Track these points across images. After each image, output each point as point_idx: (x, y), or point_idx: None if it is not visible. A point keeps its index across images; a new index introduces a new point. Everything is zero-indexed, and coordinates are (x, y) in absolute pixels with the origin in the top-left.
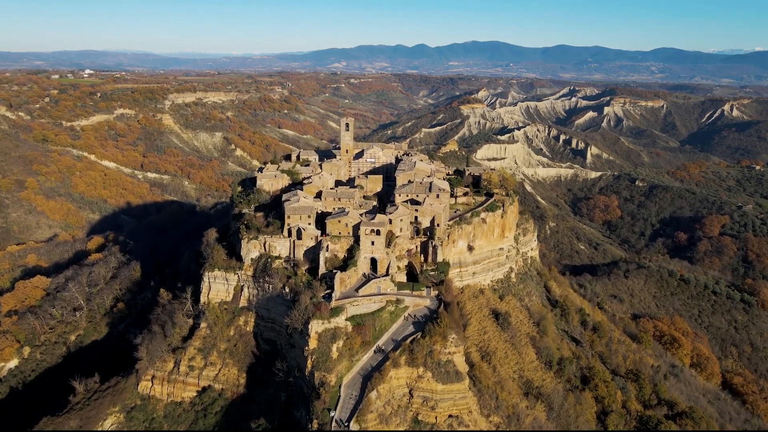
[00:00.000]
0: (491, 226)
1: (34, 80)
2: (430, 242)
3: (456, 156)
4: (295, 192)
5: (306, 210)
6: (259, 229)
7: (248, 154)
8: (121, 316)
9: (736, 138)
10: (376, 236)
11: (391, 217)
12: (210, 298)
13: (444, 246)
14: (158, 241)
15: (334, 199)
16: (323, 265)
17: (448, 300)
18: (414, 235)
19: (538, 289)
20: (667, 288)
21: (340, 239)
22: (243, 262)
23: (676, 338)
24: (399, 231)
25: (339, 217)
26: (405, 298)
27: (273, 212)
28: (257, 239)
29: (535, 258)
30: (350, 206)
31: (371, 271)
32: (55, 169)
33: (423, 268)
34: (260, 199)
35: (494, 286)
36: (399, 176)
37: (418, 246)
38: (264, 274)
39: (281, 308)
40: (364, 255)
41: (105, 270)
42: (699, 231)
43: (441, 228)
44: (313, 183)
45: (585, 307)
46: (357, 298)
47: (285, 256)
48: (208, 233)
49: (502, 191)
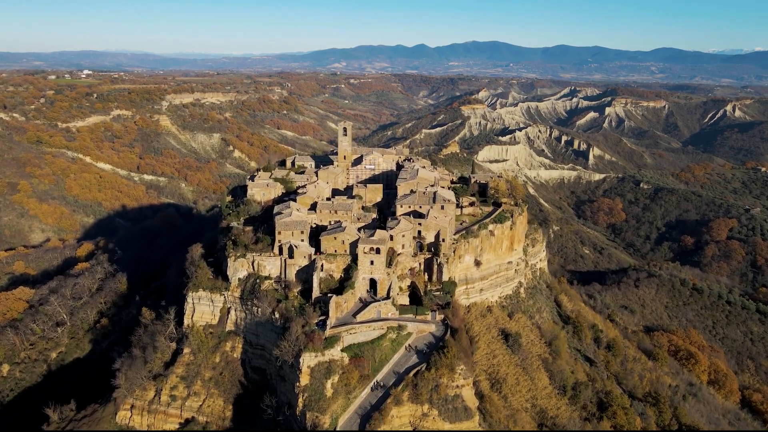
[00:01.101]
0: (500, 238)
1: (30, 81)
2: (435, 259)
3: (457, 158)
4: (287, 203)
5: (298, 225)
6: (247, 246)
7: (246, 155)
8: (104, 332)
9: (739, 139)
10: (376, 255)
11: (392, 232)
12: (194, 320)
13: (450, 263)
14: (148, 249)
15: (330, 211)
16: (317, 288)
17: (455, 326)
18: (417, 251)
19: (549, 304)
20: (679, 298)
21: (336, 258)
22: (230, 283)
23: (693, 353)
24: (401, 248)
25: (334, 233)
26: (408, 324)
27: (264, 226)
28: (245, 257)
29: (544, 269)
30: (347, 219)
31: (370, 293)
32: (49, 171)
33: (427, 288)
34: (250, 211)
35: (503, 303)
36: (400, 185)
37: (422, 263)
38: (252, 296)
39: (271, 335)
40: (362, 276)
41: (90, 281)
42: (706, 235)
43: (446, 243)
44: (308, 193)
45: (597, 322)
46: (354, 326)
47: (275, 277)
48: (193, 249)
49: (510, 200)
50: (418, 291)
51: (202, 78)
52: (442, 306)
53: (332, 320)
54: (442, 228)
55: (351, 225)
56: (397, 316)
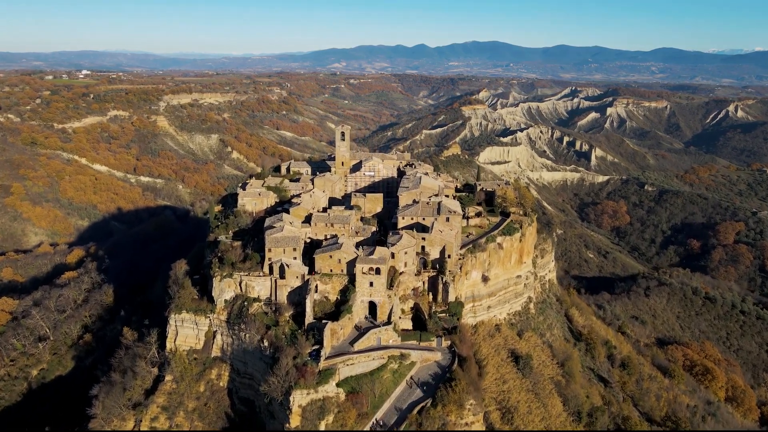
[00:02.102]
0: (508, 251)
1: (26, 81)
2: (440, 278)
3: (459, 160)
4: (279, 216)
5: (291, 241)
6: (234, 264)
7: (245, 156)
8: (87, 349)
9: (742, 139)
10: (376, 276)
11: (394, 249)
12: (177, 344)
13: (456, 281)
14: (139, 256)
15: (325, 224)
16: (310, 313)
17: (463, 353)
18: (420, 269)
19: (559, 319)
20: (691, 307)
21: (332, 278)
22: (215, 305)
23: (709, 369)
24: (403, 266)
25: (330, 250)
26: (411, 352)
27: (255, 240)
28: (232, 277)
29: (553, 281)
30: (345, 233)
31: (369, 317)
32: (44, 173)
33: (432, 310)
34: (240, 223)
35: (511, 320)
36: (402, 195)
37: (426, 282)
38: (239, 320)
39: (260, 364)
40: (360, 298)
41: (76, 292)
42: (713, 238)
43: (453, 259)
44: (302, 204)
45: (610, 338)
46: (352, 356)
47: (265, 298)
48: (176, 266)
49: (519, 210)
50: (422, 314)
51: (201, 78)
52: (449, 330)
53: (327, 350)
54: (447, 243)
55: (348, 240)
56: (399, 343)
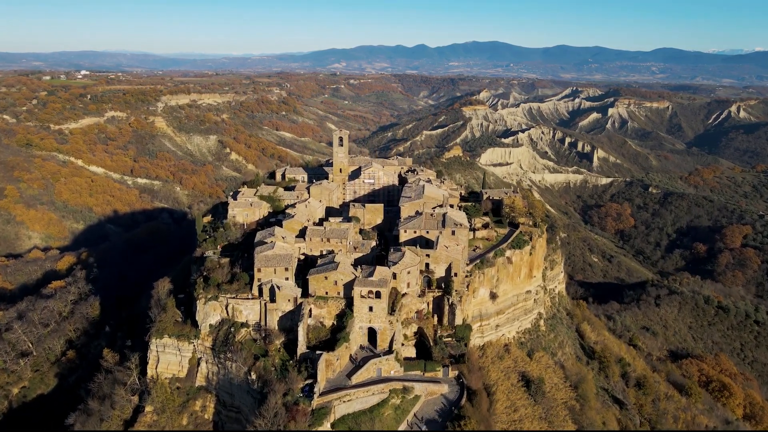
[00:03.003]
0: (518, 266)
1: (23, 82)
2: (446, 298)
3: (460, 162)
4: (271, 230)
5: (282, 260)
6: (220, 286)
7: (244, 158)
8: (70, 366)
9: (745, 140)
10: (376, 300)
11: (396, 269)
12: (158, 371)
13: (463, 301)
14: (129, 265)
15: (321, 239)
16: (303, 341)
17: (473, 386)
18: (425, 288)
19: (571, 335)
20: (703, 317)
21: (327, 302)
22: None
23: (726, 385)
24: (405, 287)
25: (325, 271)
26: (415, 385)
27: (245, 256)
28: (217, 300)
29: (563, 293)
30: (342, 249)
31: (369, 345)
32: (38, 175)
33: (437, 335)
34: (230, 237)
35: (521, 339)
36: (404, 205)
37: (430, 303)
38: (226, 348)
39: (247, 398)
40: (359, 324)
41: (62, 304)
42: (719, 242)
43: (459, 278)
44: (296, 216)
45: (624, 354)
46: (349, 391)
47: (254, 323)
48: (159, 285)
49: (528, 220)
50: (427, 340)
51: (200, 79)
52: (456, 359)
53: (321, 385)
54: (454, 260)
55: (345, 258)
56: (402, 374)
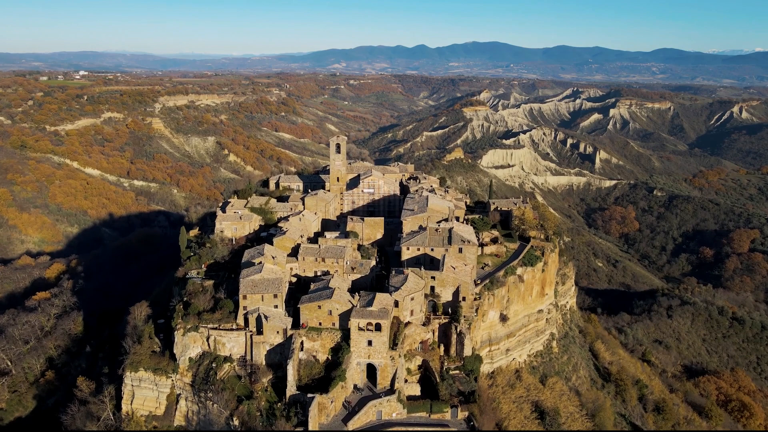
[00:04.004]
0: (530, 284)
1: (19, 82)
2: (454, 326)
3: (462, 164)
4: (260, 248)
5: (270, 285)
6: (201, 315)
7: (242, 159)
8: (50, 388)
9: (747, 141)
10: (376, 333)
11: (398, 296)
12: (134, 407)
13: (473, 328)
14: (117, 276)
15: (315, 258)
16: (293, 382)
17: (485, 429)
18: (430, 314)
19: (584, 355)
20: (717, 329)
21: (321, 334)
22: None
23: (746, 404)
24: (409, 315)
25: (318, 299)
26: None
27: (233, 276)
28: (197, 331)
29: (574, 307)
30: (338, 269)
31: (368, 383)
32: (33, 178)
33: (444, 367)
34: (216, 254)
35: (533, 363)
36: (407, 220)
37: (436, 331)
38: (206, 385)
39: None
40: (356, 360)
41: (44, 318)
42: (726, 246)
43: (468, 302)
44: (288, 233)
45: (641, 375)
46: None
47: (239, 357)
48: (135, 310)
49: (540, 233)
50: (433, 375)
51: (199, 79)
52: (465, 396)
53: None
54: (462, 283)
55: (342, 282)
56: (405, 417)
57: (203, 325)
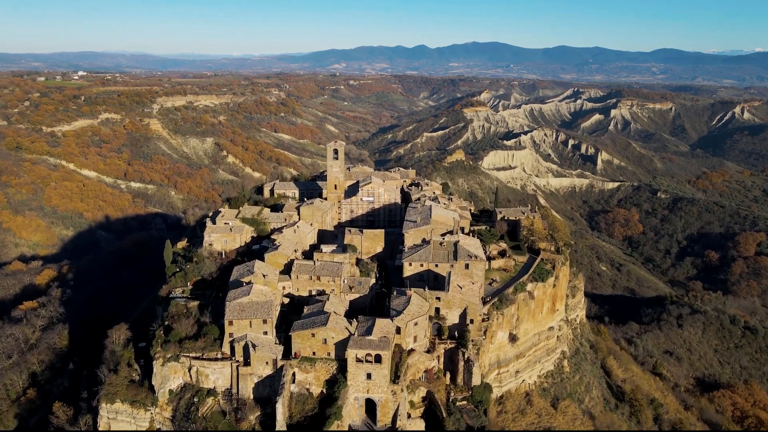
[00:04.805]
0: (540, 300)
1: (16, 83)
2: (461, 352)
3: (463, 166)
4: (250, 265)
5: (260, 309)
6: (182, 342)
7: (241, 161)
8: (31, 407)
9: (750, 142)
10: (375, 365)
11: (400, 321)
12: None
13: (482, 354)
14: (109, 283)
15: (310, 276)
16: (283, 420)
17: None
18: (434, 339)
19: (596, 372)
20: (730, 339)
21: (315, 364)
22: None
23: (763, 421)
24: (412, 341)
25: (312, 326)
26: None
27: (220, 296)
28: (178, 360)
29: (584, 320)
30: (335, 288)
31: (367, 419)
32: (28, 179)
33: (451, 398)
34: (203, 271)
35: (543, 384)
36: (409, 232)
37: (441, 356)
38: (188, 421)
39: None
40: (354, 395)
41: (30, 330)
42: (732, 250)
43: (476, 324)
44: (281, 248)
45: (654, 391)
46: None
47: (224, 390)
48: (113, 334)
49: (550, 245)
50: (438, 408)
51: (199, 80)
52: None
53: None
54: (470, 304)
55: (338, 303)
56: None
57: (185, 354)
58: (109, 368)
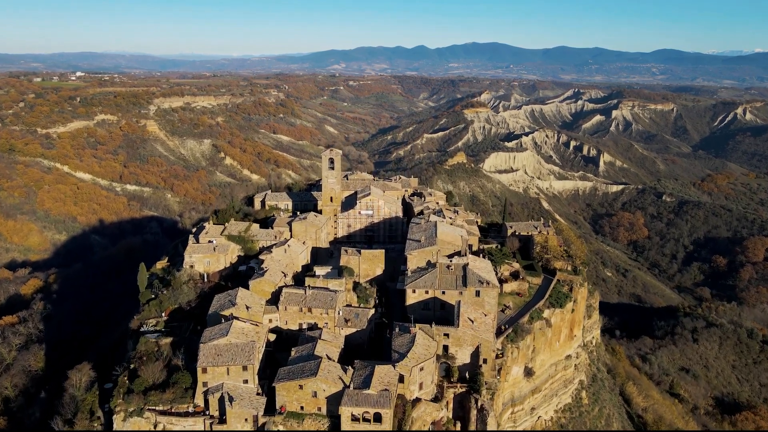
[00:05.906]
0: (557, 327)
1: (11, 83)
2: (473, 398)
3: (464, 169)
4: (233, 294)
5: (239, 353)
6: (148, 392)
7: (239, 163)
8: None
9: (752, 143)
10: (375, 425)
11: (403, 368)
12: None
13: (496, 398)
14: (93, 296)
15: (300, 308)
16: None
17: None
18: (443, 382)
19: (614, 400)
20: (748, 354)
21: (303, 422)
22: None
23: None
24: (417, 389)
25: (300, 376)
26: None
27: (199, 329)
28: (142, 416)
29: (598, 339)
30: (328, 322)
31: None
32: (20, 182)
33: None
34: (180, 299)
35: (561, 420)
36: (411, 254)
37: (450, 402)
38: None
39: None
40: None
41: (6, 349)
42: (740, 255)
43: (490, 364)
44: (268, 274)
45: (676, 420)
46: None
47: None
48: (74, 376)
49: (566, 264)
50: None
51: (197, 80)
52: None
53: None
54: (483, 342)
55: (333, 339)
56: None
57: (150, 408)
58: (65, 418)
